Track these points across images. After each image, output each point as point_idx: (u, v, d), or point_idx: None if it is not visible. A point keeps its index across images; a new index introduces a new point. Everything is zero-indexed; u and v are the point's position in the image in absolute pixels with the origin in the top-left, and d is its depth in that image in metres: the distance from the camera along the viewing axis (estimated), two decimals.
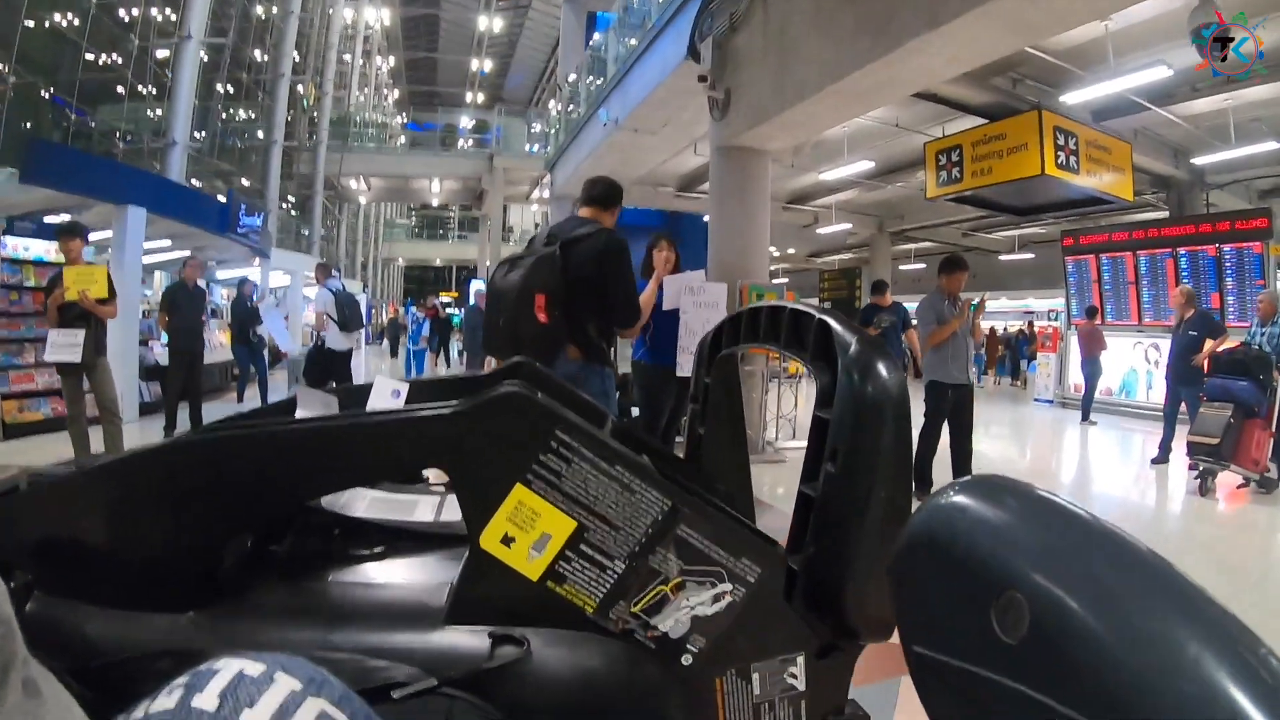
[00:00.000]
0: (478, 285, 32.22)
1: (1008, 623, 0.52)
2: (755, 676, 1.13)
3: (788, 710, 1.15)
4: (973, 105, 12.23)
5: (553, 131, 23.28)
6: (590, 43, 19.04)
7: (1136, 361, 15.47)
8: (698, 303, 6.62)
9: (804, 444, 1.27)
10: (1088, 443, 12.62)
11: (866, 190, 19.96)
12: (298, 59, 27.24)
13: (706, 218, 12.02)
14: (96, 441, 6.96)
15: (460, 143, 35.10)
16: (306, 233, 28.78)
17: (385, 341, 27.50)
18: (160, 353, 11.41)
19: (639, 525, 1.07)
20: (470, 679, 0.97)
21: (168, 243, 14.53)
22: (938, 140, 13.09)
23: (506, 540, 1.05)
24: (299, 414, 1.55)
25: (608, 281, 3.85)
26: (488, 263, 30.04)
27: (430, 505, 1.54)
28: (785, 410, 10.81)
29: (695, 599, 1.09)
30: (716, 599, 1.09)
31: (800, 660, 1.15)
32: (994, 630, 0.53)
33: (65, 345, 6.80)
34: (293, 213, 29.51)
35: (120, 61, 17.41)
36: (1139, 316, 15.75)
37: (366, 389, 1.71)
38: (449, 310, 30.23)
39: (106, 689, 0.90)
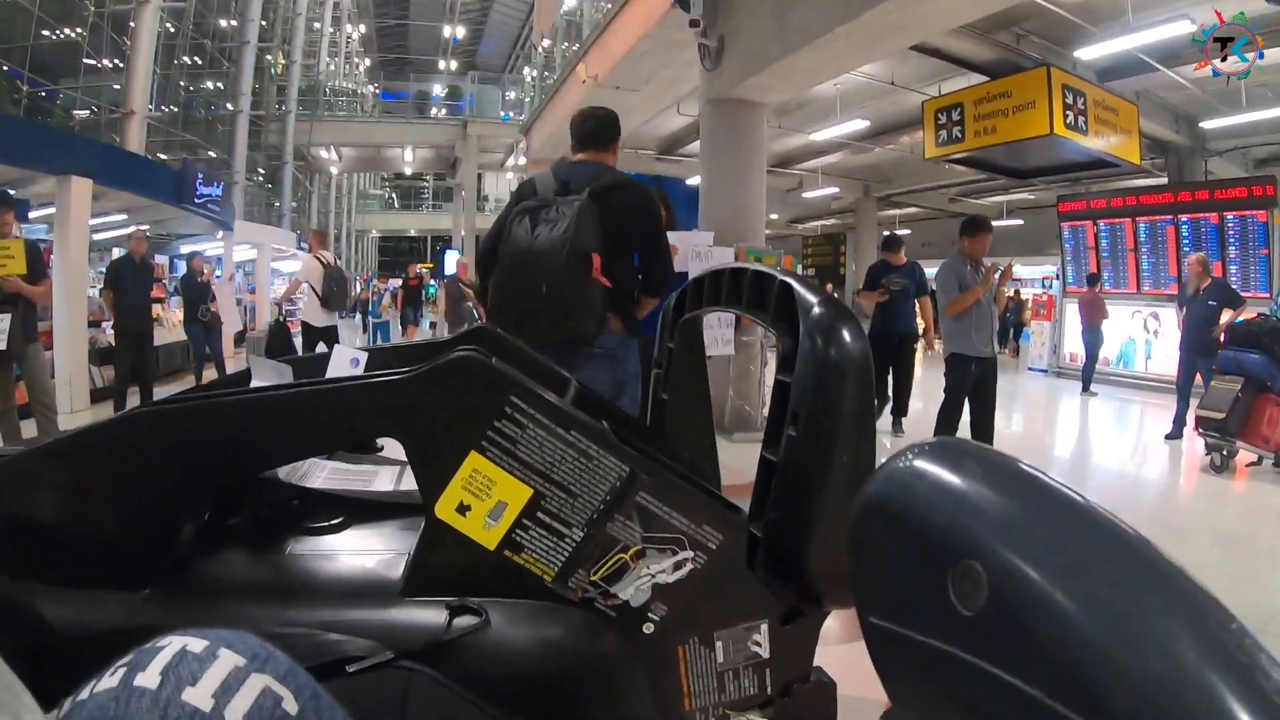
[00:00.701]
0: (454, 255, 32.40)
1: (965, 593, 0.49)
2: (719, 644, 1.13)
3: (752, 677, 1.15)
4: (975, 61, 11.71)
5: (528, 99, 22.95)
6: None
7: (1135, 331, 15.02)
8: (706, 268, 6.04)
9: None
10: (1091, 415, 12.24)
11: (854, 153, 19.32)
12: (265, 26, 26.98)
13: (690, 181, 11.57)
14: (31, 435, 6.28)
15: (434, 111, 35.10)
16: (277, 205, 28.65)
17: (358, 315, 26.25)
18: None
19: (597, 492, 1.04)
20: (427, 651, 0.95)
21: (123, 217, 13.89)
22: (937, 99, 12.52)
23: (462, 509, 1.02)
24: (253, 385, 1.49)
25: (649, 241, 3.48)
26: (462, 232, 30.25)
27: (390, 475, 1.51)
28: None
29: (656, 566, 1.07)
30: (678, 566, 1.08)
31: (764, 627, 1.14)
32: (951, 601, 0.50)
33: None
34: (264, 185, 29.48)
35: (79, 32, 16.72)
36: (1138, 284, 15.28)
37: (325, 358, 1.68)
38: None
39: (59, 670, 0.86)
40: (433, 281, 25.59)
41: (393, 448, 1.21)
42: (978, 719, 0.50)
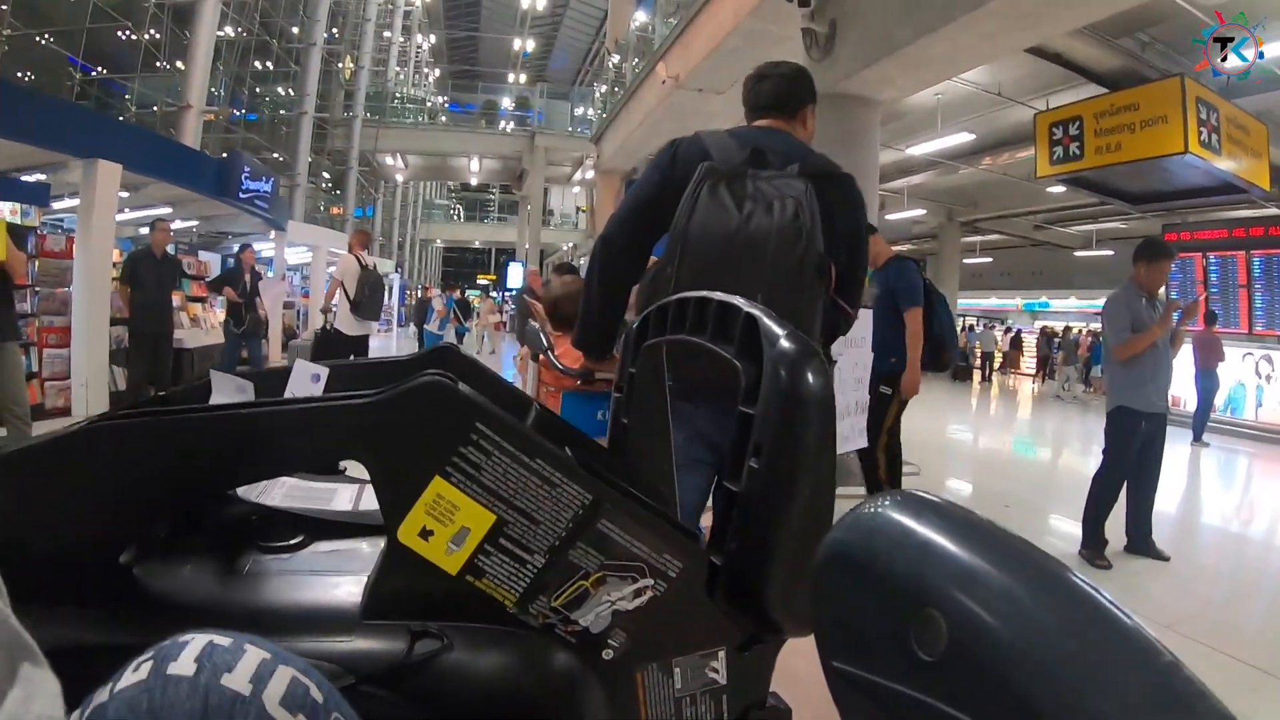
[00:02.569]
0: (519, 267, 32.25)
1: (926, 640, 0.51)
2: (676, 670, 1.14)
3: (709, 704, 1.16)
4: (1095, 69, 10.62)
5: (598, 112, 22.66)
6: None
7: (1246, 375, 13.90)
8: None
9: None
10: (1209, 470, 11.07)
11: (942, 173, 18.34)
12: (334, 33, 27.68)
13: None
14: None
15: (502, 124, 34.97)
16: (339, 211, 29.00)
17: (413, 327, 25.12)
18: None
19: (559, 519, 1.05)
20: (388, 676, 0.97)
21: (167, 210, 13.11)
22: (1050, 111, 11.31)
23: (425, 534, 1.03)
24: (214, 400, 1.51)
25: (855, 262, 2.56)
26: (526, 245, 29.97)
27: (349, 494, 1.53)
28: None
29: (616, 593, 1.08)
30: (638, 593, 1.09)
31: (722, 654, 1.16)
32: (913, 647, 0.52)
33: None
34: (333, 190, 30.49)
35: (146, 30, 17.02)
36: (1249, 324, 14.26)
37: (286, 372, 1.65)
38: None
39: None
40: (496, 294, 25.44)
41: (353, 466, 1.15)
42: None
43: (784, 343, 1.10)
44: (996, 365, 27.55)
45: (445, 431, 1.01)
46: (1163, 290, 5.69)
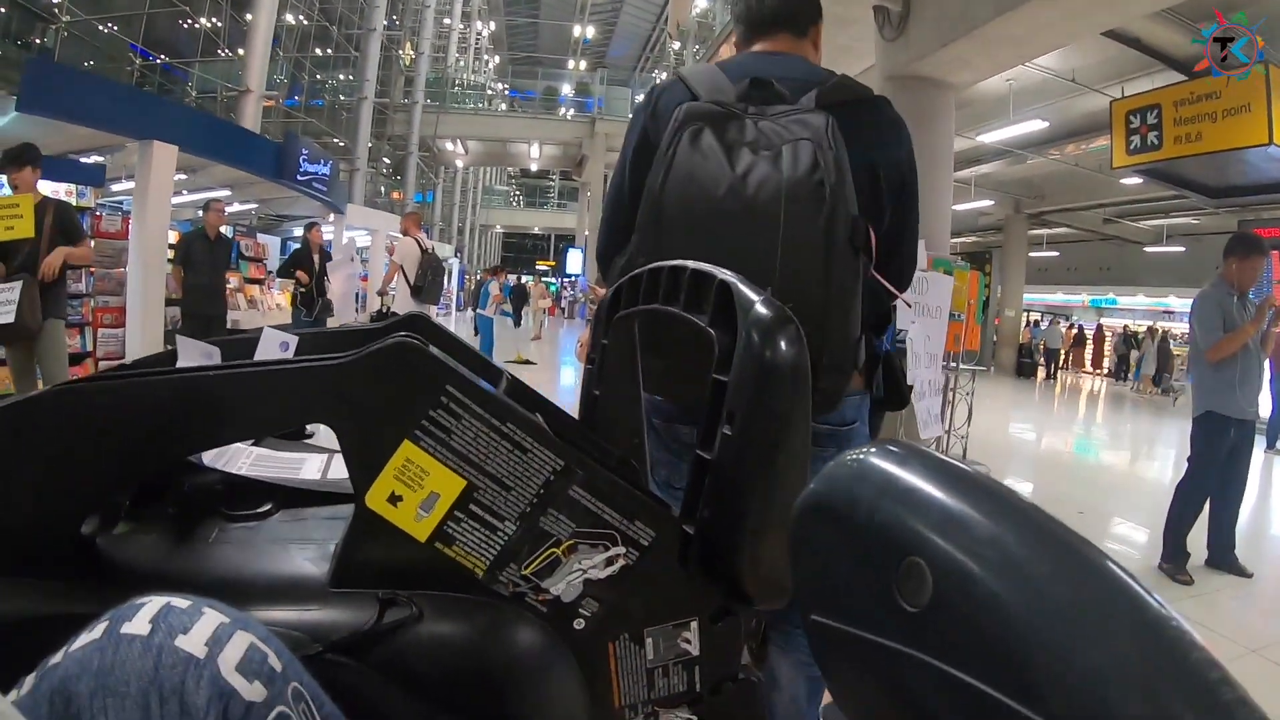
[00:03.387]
0: (578, 254, 32.30)
1: (910, 590, 0.50)
2: (649, 641, 1.12)
3: (681, 675, 1.14)
4: (1174, 55, 10.46)
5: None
6: None
7: None
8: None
9: None
10: None
11: (1011, 163, 17.96)
12: (394, 20, 28.15)
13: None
14: None
15: (562, 111, 35.06)
16: (400, 196, 29.32)
17: (470, 311, 24.47)
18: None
19: (530, 485, 1.03)
20: (355, 644, 0.95)
21: (226, 193, 13.24)
22: (1127, 99, 10.89)
23: (394, 499, 1.00)
24: (179, 365, 1.46)
25: (906, 203, 1.90)
26: (586, 232, 29.99)
27: (318, 463, 1.51)
28: None
29: (587, 562, 1.06)
30: (609, 562, 1.07)
31: (694, 625, 1.13)
32: (896, 598, 0.52)
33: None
34: (394, 175, 30.80)
35: (206, 16, 17.39)
36: None
37: (254, 340, 1.61)
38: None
39: None
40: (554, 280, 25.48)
41: (321, 435, 1.16)
42: (920, 712, 0.51)
43: (758, 309, 1.06)
44: (1061, 362, 26.96)
45: (415, 394, 1.00)
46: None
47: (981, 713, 0.44)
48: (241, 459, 1.45)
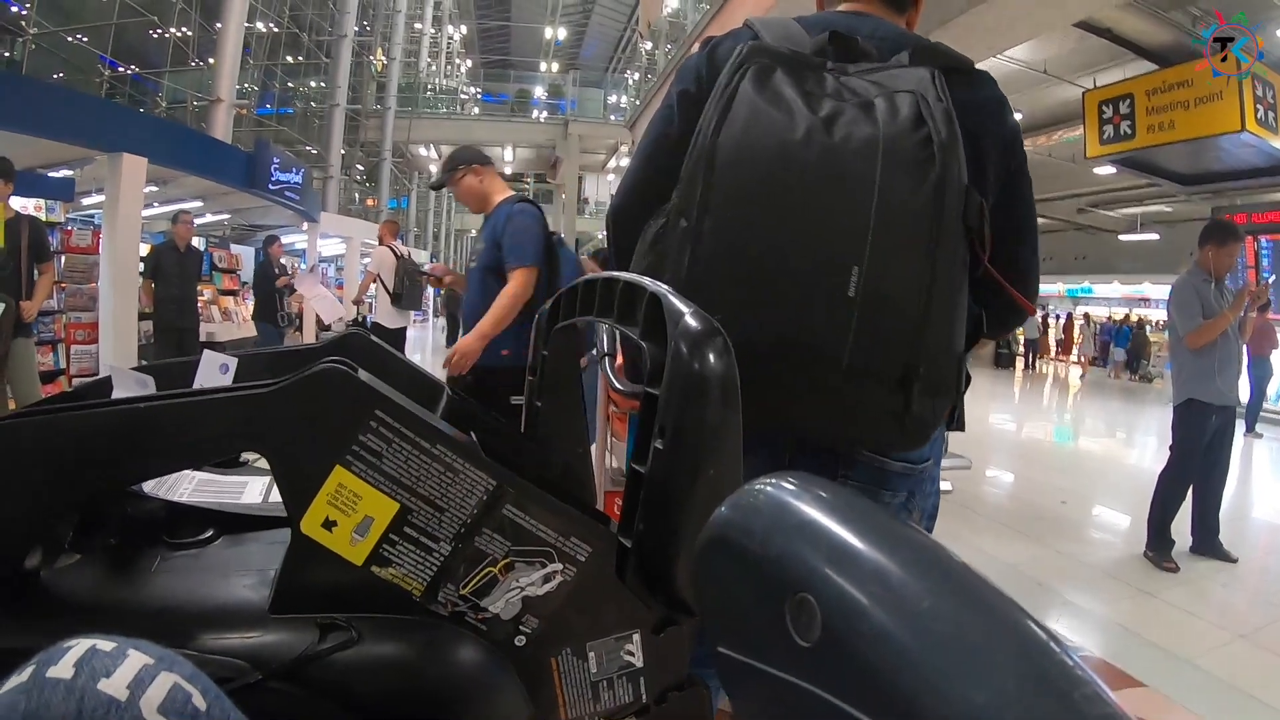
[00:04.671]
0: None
1: (801, 624, 0.50)
2: (591, 655, 1.13)
3: (627, 686, 1.16)
4: (1145, 45, 10.48)
5: (630, 96, 22.49)
6: None
7: None
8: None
9: None
10: (1266, 462, 10.78)
11: None
12: (365, 25, 28.19)
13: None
14: None
15: (535, 113, 35.03)
16: (374, 202, 29.24)
17: (444, 320, 23.05)
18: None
19: (464, 506, 1.04)
20: (295, 670, 0.95)
21: (198, 204, 13.16)
22: (1100, 89, 11.00)
23: (328, 524, 1.01)
24: (115, 394, 1.45)
25: (1018, 194, 1.56)
26: (562, 234, 29.47)
27: (260, 486, 1.52)
28: None
29: (525, 579, 1.08)
30: (547, 579, 1.08)
31: (637, 637, 1.15)
32: (789, 632, 0.50)
33: None
34: (367, 182, 30.89)
35: (175, 26, 17.41)
36: None
37: (192, 365, 1.64)
38: None
39: None
40: None
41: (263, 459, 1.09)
42: None
43: (687, 320, 1.04)
44: (1040, 353, 27.03)
45: (344, 420, 1.01)
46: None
47: None
48: (184, 485, 1.47)
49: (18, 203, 7.43)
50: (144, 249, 9.18)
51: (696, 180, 1.30)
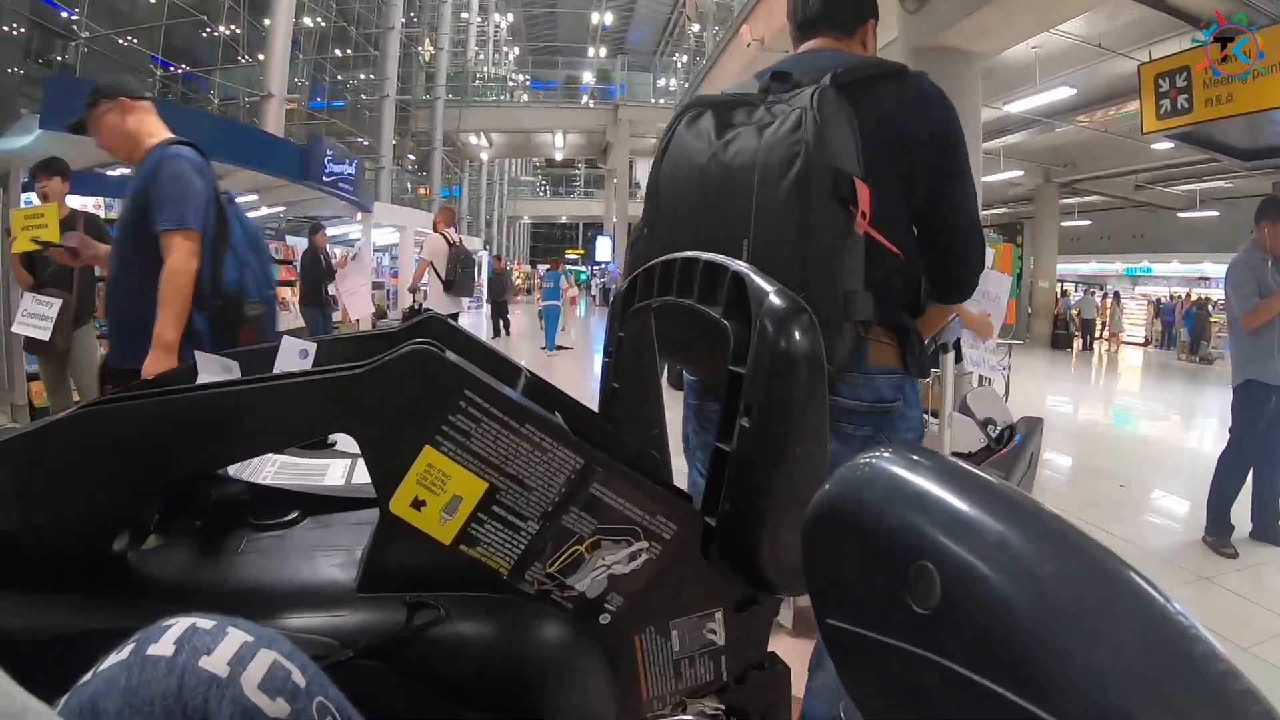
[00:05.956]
0: (607, 241, 32.18)
1: (919, 593, 0.50)
2: (674, 633, 1.14)
3: (708, 665, 1.17)
4: (1201, 15, 10.08)
5: (679, 79, 22.34)
6: None
7: None
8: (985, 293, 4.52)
9: None
10: None
11: (1040, 132, 17.62)
12: (412, 17, 28.27)
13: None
14: None
15: (584, 99, 35.15)
16: (426, 191, 29.61)
17: (486, 307, 22.87)
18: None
19: (551, 485, 1.04)
20: (385, 648, 0.97)
21: (253, 197, 13.29)
22: (1155, 61, 10.64)
23: (417, 504, 1.02)
24: (200, 380, 1.47)
25: (946, 176, 1.89)
26: (614, 219, 29.88)
27: (342, 468, 1.52)
28: None
29: (611, 558, 1.08)
30: (633, 557, 1.09)
31: (719, 615, 1.16)
32: (906, 600, 0.51)
33: (35, 316, 5.19)
34: (419, 171, 31.16)
35: (224, 23, 17.72)
36: None
37: (274, 350, 1.64)
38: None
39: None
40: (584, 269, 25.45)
41: (345, 440, 1.17)
42: (933, 711, 0.51)
43: (771, 300, 1.06)
44: (1098, 334, 26.53)
45: (433, 400, 1.01)
46: None
47: (992, 711, 0.44)
48: (266, 468, 1.47)
49: (76, 201, 7.59)
50: None
51: (649, 203, 1.90)
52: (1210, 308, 22.66)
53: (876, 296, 1.73)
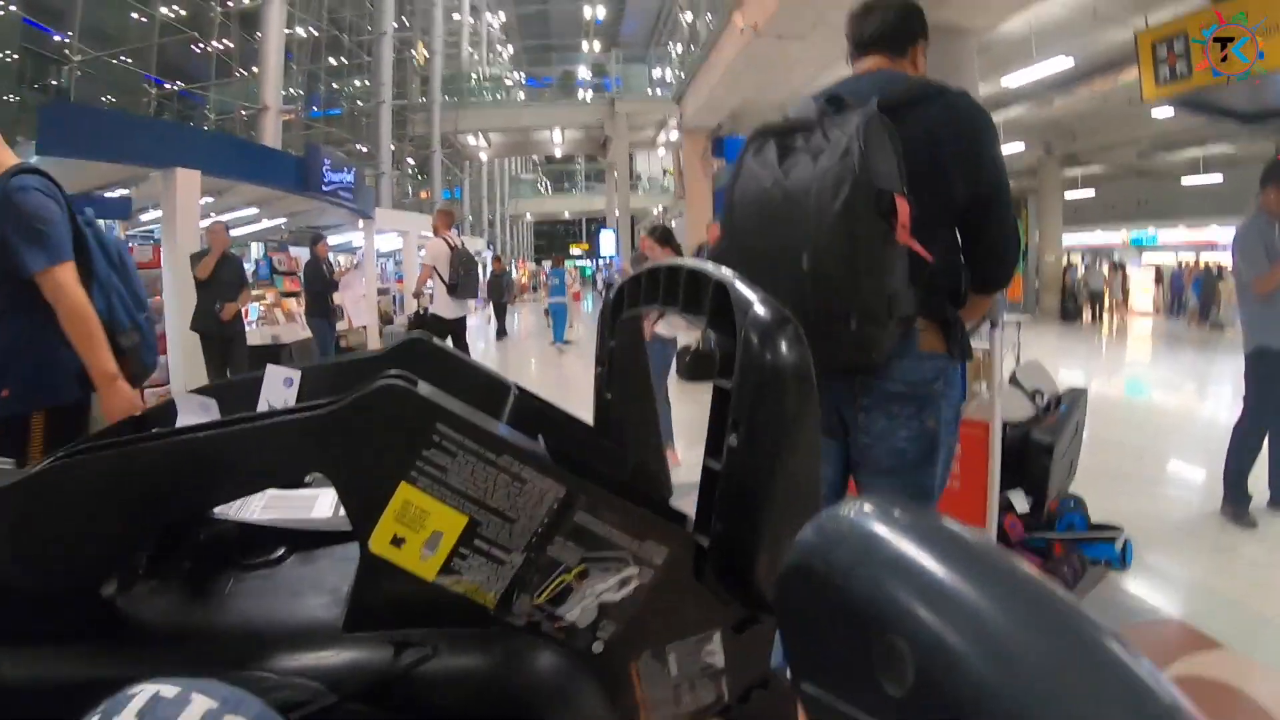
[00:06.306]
0: (610, 234, 32.15)
1: (892, 672, 0.45)
2: (671, 657, 1.13)
3: (709, 687, 1.15)
4: None
5: (675, 69, 22.30)
6: None
7: None
8: None
9: None
10: None
11: (1039, 105, 17.51)
12: (404, 20, 28.62)
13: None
14: None
15: (580, 94, 35.16)
16: (427, 195, 29.74)
17: (490, 307, 22.23)
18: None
19: (534, 516, 1.03)
20: (372, 690, 0.96)
21: (254, 211, 13.42)
22: (1152, 29, 10.56)
23: (397, 541, 1.01)
24: (180, 420, 1.51)
25: (986, 186, 2.20)
26: (616, 213, 29.92)
27: (330, 499, 1.50)
28: None
29: (600, 585, 1.07)
30: (623, 583, 1.07)
31: (717, 637, 1.15)
32: (878, 680, 0.46)
33: None
34: (419, 175, 31.46)
35: (216, 39, 17.79)
36: None
37: (257, 380, 1.65)
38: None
39: None
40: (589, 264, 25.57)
41: None
42: None
43: (756, 309, 1.05)
44: (1107, 305, 26.35)
45: (405, 436, 0.99)
46: None
47: None
48: (254, 502, 1.47)
49: None
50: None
51: (726, 220, 2.29)
52: (1218, 272, 22.53)
53: (923, 292, 2.08)
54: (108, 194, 9.94)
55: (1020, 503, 4.14)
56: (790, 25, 11.29)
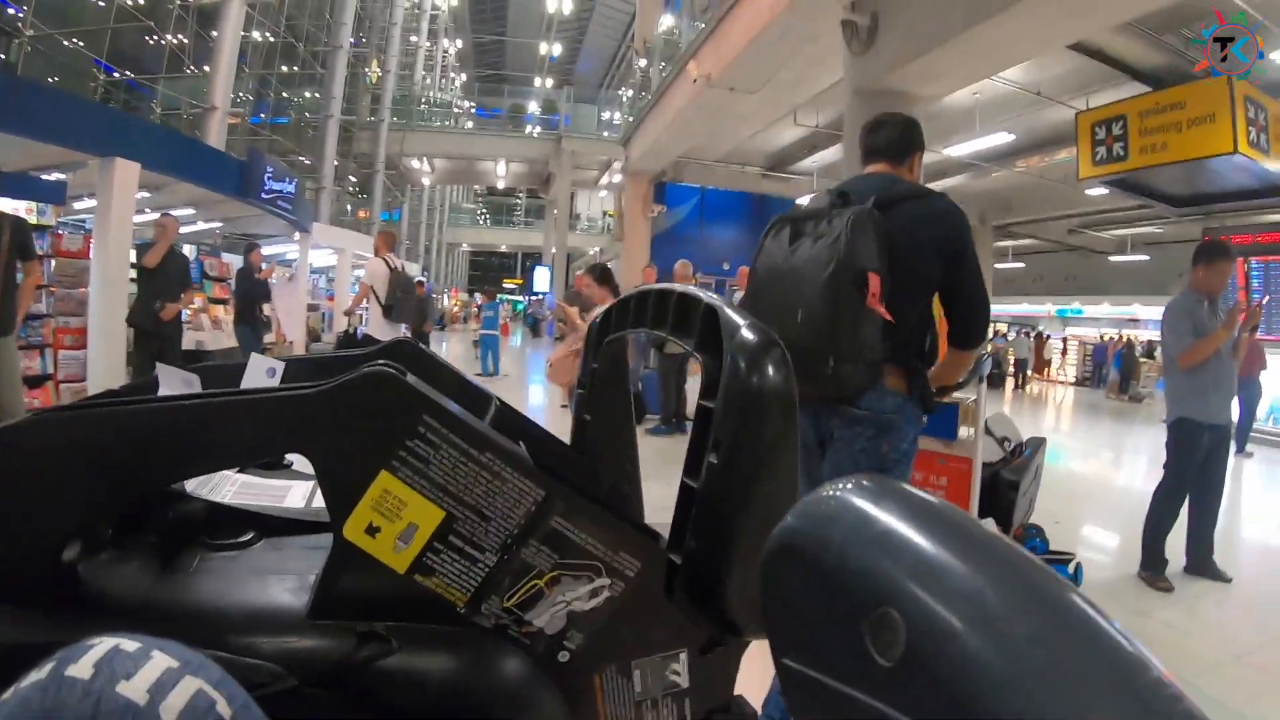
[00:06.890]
0: (545, 271, 32.09)
1: (883, 642, 0.47)
2: (636, 673, 1.12)
3: (671, 708, 1.14)
4: (1138, 67, 10.56)
5: (624, 113, 22.53)
6: None
7: None
8: None
9: None
10: (1257, 482, 10.74)
11: (975, 176, 18.06)
12: (361, 37, 28.28)
13: (801, 200, 10.40)
14: None
15: (529, 128, 34.88)
16: (366, 214, 29.25)
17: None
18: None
19: (511, 516, 1.03)
20: (332, 678, 0.96)
21: (190, 211, 13.02)
22: (1093, 110, 10.93)
23: (371, 530, 1.00)
24: (161, 393, 1.47)
25: (955, 265, 2.74)
26: (553, 250, 29.92)
27: (303, 491, 1.54)
28: None
29: (571, 594, 1.06)
30: (594, 594, 1.07)
31: (683, 657, 1.14)
32: (868, 649, 0.48)
33: None
34: (360, 194, 30.97)
35: (171, 33, 17.29)
36: None
37: (237, 366, 1.70)
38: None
39: None
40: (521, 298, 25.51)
41: (305, 462, 1.07)
42: None
43: (743, 333, 1.06)
44: (1030, 373, 27.08)
45: (391, 424, 0.99)
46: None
47: None
48: (226, 487, 1.48)
49: (7, 204, 7.39)
50: (134, 255, 8.96)
51: (748, 290, 2.93)
52: (1137, 349, 23.28)
53: (894, 345, 2.62)
54: (43, 176, 9.62)
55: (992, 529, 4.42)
56: (743, 79, 11.54)
